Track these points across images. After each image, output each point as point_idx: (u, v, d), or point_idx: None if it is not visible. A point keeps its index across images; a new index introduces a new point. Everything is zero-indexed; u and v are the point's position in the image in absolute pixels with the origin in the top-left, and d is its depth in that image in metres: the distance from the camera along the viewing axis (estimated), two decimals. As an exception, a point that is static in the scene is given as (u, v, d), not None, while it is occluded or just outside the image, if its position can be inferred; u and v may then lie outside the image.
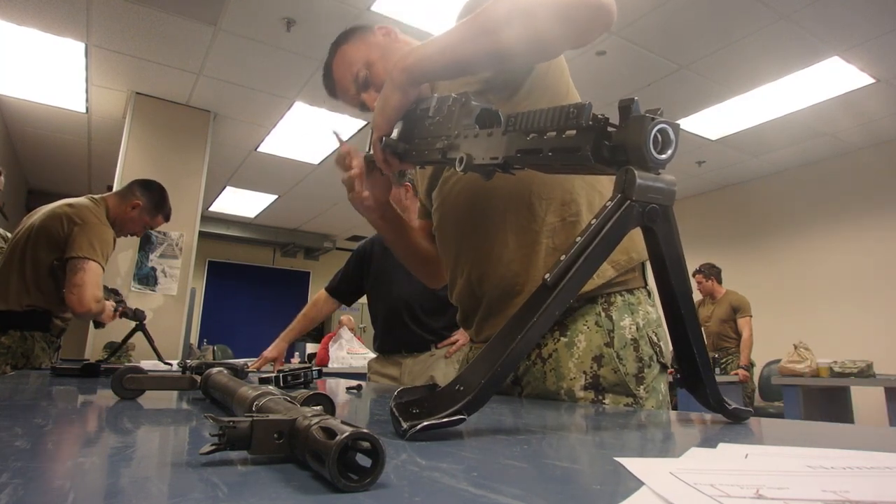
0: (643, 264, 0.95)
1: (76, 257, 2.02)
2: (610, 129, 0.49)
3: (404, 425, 0.44)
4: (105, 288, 2.23)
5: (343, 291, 2.49)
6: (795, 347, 4.16)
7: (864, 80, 4.06)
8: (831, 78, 4.04)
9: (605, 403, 0.84)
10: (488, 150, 0.59)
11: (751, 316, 4.82)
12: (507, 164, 0.57)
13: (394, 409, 0.47)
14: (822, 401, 4.23)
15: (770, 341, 5.26)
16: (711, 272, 5.03)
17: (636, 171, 0.46)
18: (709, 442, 0.47)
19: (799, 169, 5.76)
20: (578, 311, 0.88)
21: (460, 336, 2.24)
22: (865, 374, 3.87)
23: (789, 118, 4.68)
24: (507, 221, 0.91)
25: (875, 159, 5.22)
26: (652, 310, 0.92)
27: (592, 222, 0.47)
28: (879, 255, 5.09)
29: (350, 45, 1.05)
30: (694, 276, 5.04)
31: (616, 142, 0.48)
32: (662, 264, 0.52)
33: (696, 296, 5.08)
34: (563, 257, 0.47)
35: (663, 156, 0.47)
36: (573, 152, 0.49)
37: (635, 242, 0.90)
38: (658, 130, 0.46)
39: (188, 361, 1.66)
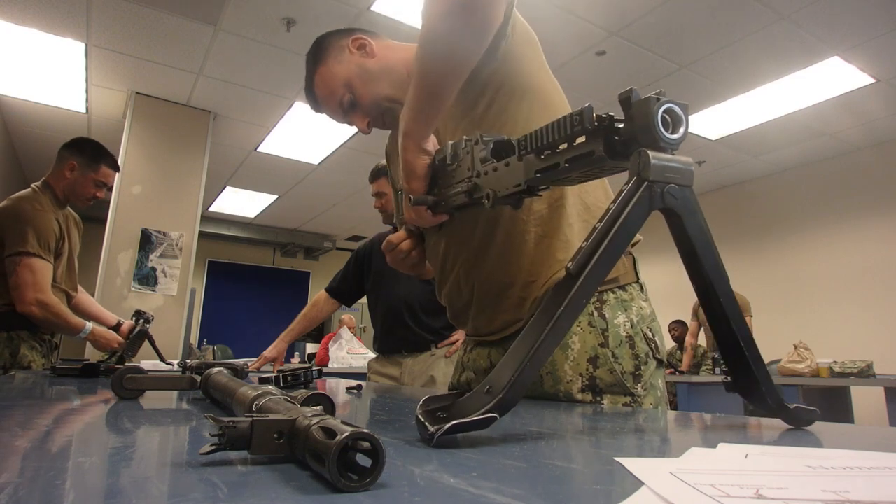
0: (634, 259, 0.94)
1: (10, 255, 1.94)
2: (618, 125, 0.47)
3: (431, 429, 0.42)
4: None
5: (343, 292, 2.49)
6: (795, 347, 4.16)
7: (864, 80, 4.06)
8: (831, 78, 4.04)
9: (603, 404, 0.84)
10: (510, 180, 0.59)
11: (751, 316, 4.82)
12: (530, 188, 0.57)
13: (420, 416, 0.45)
14: (822, 401, 4.23)
15: (770, 341, 5.25)
16: (711, 272, 5.03)
17: (650, 152, 0.44)
18: (709, 442, 0.47)
19: (799, 169, 5.76)
20: None
21: (460, 336, 2.24)
22: (865, 374, 3.87)
23: (789, 118, 4.68)
24: (493, 214, 0.90)
25: (875, 159, 5.22)
26: (645, 305, 0.92)
27: (610, 207, 0.45)
28: (879, 255, 5.08)
29: (327, 67, 1.02)
30: (694, 276, 5.04)
31: (625, 134, 0.46)
32: (692, 251, 0.48)
33: (696, 296, 5.08)
34: (583, 244, 0.45)
35: (675, 135, 0.45)
36: (588, 157, 0.48)
37: None
38: (665, 110, 0.44)
39: (188, 361, 1.66)
